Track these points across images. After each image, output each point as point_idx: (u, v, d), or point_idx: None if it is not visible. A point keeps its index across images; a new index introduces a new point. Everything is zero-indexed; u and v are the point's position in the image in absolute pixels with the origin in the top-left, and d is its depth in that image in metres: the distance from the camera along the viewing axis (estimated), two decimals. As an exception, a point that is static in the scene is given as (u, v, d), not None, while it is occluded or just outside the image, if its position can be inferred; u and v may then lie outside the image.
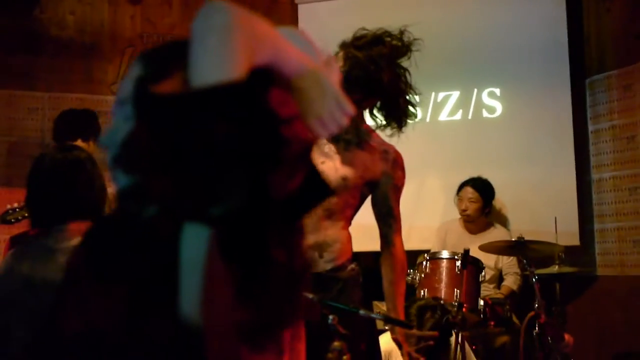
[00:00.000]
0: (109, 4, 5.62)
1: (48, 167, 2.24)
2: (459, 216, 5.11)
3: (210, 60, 0.98)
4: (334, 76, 1.18)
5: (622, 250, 5.22)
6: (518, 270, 4.83)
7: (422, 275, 4.15)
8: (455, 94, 5.55)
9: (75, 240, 2.20)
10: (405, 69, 2.73)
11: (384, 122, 2.75)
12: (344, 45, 2.69)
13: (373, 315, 2.24)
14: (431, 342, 3.14)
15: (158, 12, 5.76)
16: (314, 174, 1.07)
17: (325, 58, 1.19)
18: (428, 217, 5.43)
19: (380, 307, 4.40)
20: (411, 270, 4.32)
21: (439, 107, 5.57)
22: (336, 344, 2.19)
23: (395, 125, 2.74)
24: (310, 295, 2.28)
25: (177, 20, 5.79)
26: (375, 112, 2.76)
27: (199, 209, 0.94)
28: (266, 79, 1.02)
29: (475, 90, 5.51)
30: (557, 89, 5.36)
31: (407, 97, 2.72)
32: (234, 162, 0.92)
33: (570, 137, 5.32)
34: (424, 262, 4.18)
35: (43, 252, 2.16)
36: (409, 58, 2.75)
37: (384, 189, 2.80)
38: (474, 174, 5.16)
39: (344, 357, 2.19)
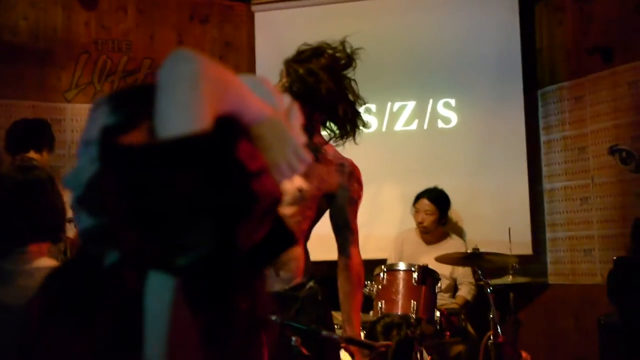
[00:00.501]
0: (62, 9, 5.54)
1: (8, 189, 2.21)
2: (415, 226, 5.15)
3: (176, 110, 0.97)
4: (295, 122, 1.18)
5: (574, 259, 5.32)
6: (472, 280, 4.89)
7: (380, 287, 4.18)
8: (410, 104, 5.60)
9: (37, 263, 2.17)
10: (349, 79, 2.73)
11: (335, 134, 2.75)
12: (286, 62, 2.71)
13: (335, 336, 2.25)
14: (383, 349, 3.15)
15: (113, 18, 5.69)
16: (279, 224, 1.07)
17: (286, 105, 1.19)
18: (385, 226, 5.46)
19: (338, 317, 4.42)
20: (368, 282, 4.34)
21: (394, 117, 5.61)
22: (298, 365, 2.20)
23: (346, 136, 2.74)
24: (273, 317, 2.28)
25: (132, 26, 5.74)
26: (327, 124, 2.76)
27: (164, 259, 0.93)
28: (233, 130, 1.01)
29: (431, 100, 5.57)
30: (511, 99, 5.45)
31: (352, 107, 2.70)
32: (201, 214, 0.92)
33: (523, 148, 5.41)
34: (381, 274, 4.20)
35: (2, 275, 2.12)
36: (354, 68, 2.75)
37: (340, 201, 2.81)
38: (430, 184, 5.21)
39: (306, 379, 2.19)
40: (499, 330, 4.13)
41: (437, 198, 5.04)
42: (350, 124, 2.71)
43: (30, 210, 2.17)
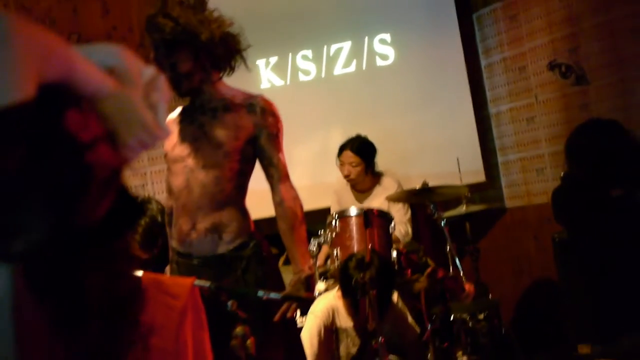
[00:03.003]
0: (-24, -7, 5.28)
1: None
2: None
3: None
4: (161, 94, 1.07)
5: (527, 180, 5.30)
6: (405, 219, 4.74)
7: (334, 235, 4.10)
8: (347, 45, 5.48)
9: None
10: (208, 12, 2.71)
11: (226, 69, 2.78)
12: (150, 18, 2.65)
13: (272, 295, 2.17)
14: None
15: (31, -5, 5.45)
16: (124, 195, 0.97)
17: (150, 76, 1.07)
18: (335, 173, 5.37)
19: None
20: (321, 231, 4.27)
21: (332, 60, 5.49)
22: (238, 329, 2.13)
23: (233, 67, 2.78)
24: (207, 283, 2.20)
25: (53, 2, 5.50)
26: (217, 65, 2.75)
27: None
28: (60, 99, 0.90)
29: (367, 38, 5.45)
30: (446, 27, 5.36)
31: (228, 37, 2.73)
32: (28, 194, 0.81)
33: (464, 74, 5.34)
34: (333, 222, 4.12)
35: None
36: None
37: (260, 141, 2.76)
38: (375, 124, 5.13)
39: (248, 342, 2.12)
40: (457, 263, 4.10)
41: (360, 148, 4.74)
42: (232, 56, 2.75)
43: None
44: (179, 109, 2.89)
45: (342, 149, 4.78)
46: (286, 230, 2.77)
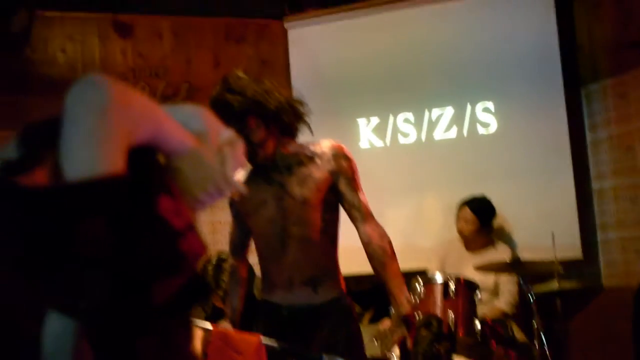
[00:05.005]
0: (99, 39, 5.64)
1: None
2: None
3: (82, 146, 0.90)
4: (236, 151, 1.14)
5: (627, 261, 5.12)
6: (513, 289, 4.70)
7: (417, 300, 4.08)
8: (449, 111, 5.50)
9: None
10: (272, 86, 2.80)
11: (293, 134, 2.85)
12: (217, 102, 2.72)
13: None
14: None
15: (148, 44, 5.77)
16: (195, 276, 1.03)
17: (228, 138, 1.15)
18: (426, 237, 5.37)
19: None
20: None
21: (433, 125, 5.52)
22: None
23: (297, 131, 2.85)
24: (274, 343, 2.25)
25: (168, 51, 5.80)
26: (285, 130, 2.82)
27: (65, 301, 0.90)
28: (153, 183, 0.96)
29: (469, 105, 5.46)
30: (551, 99, 5.30)
31: (290, 106, 2.81)
32: (114, 264, 0.87)
33: (567, 148, 5.25)
34: (418, 286, 4.11)
35: None
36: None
37: (339, 187, 2.80)
38: (472, 192, 5.10)
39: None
40: (543, 339, 3.99)
41: (477, 207, 4.91)
42: (299, 120, 2.82)
43: None
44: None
45: (461, 205, 4.87)
46: (379, 268, 2.79)
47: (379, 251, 2.78)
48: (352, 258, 5.09)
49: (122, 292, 0.89)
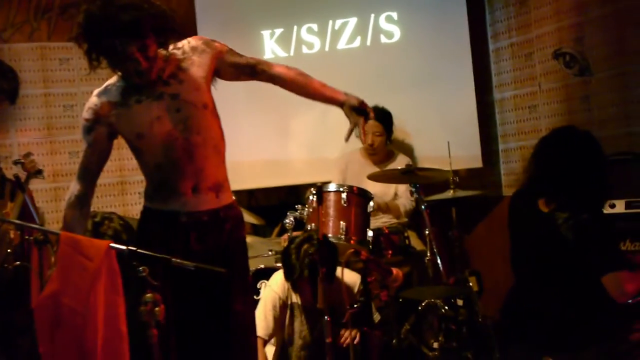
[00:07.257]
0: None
1: None
2: (359, 146, 5.00)
3: None
4: None
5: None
6: (409, 195, 4.73)
7: (310, 209, 4.08)
8: (352, 21, 5.41)
9: None
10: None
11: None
12: (105, 14, 2.47)
13: (186, 264, 2.16)
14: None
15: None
16: None
17: None
18: (332, 148, 5.34)
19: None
20: (299, 206, 4.27)
21: (336, 35, 5.43)
22: (148, 295, 2.13)
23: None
24: (123, 247, 2.20)
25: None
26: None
27: None
28: None
29: (373, 15, 5.37)
30: (454, 8, 5.26)
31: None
32: None
33: (468, 58, 5.23)
34: (311, 196, 4.10)
35: None
36: None
37: (229, 62, 2.81)
38: (376, 102, 5.06)
39: (157, 309, 2.12)
40: (434, 248, 4.05)
41: (383, 117, 4.89)
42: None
43: None
44: (109, 91, 2.69)
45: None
46: (306, 87, 2.95)
47: (299, 77, 2.93)
48: (260, 172, 5.06)
49: None
